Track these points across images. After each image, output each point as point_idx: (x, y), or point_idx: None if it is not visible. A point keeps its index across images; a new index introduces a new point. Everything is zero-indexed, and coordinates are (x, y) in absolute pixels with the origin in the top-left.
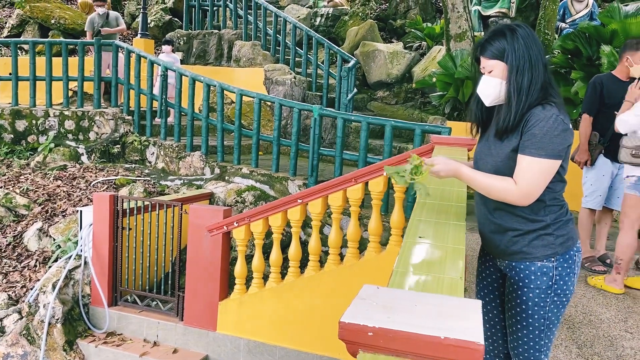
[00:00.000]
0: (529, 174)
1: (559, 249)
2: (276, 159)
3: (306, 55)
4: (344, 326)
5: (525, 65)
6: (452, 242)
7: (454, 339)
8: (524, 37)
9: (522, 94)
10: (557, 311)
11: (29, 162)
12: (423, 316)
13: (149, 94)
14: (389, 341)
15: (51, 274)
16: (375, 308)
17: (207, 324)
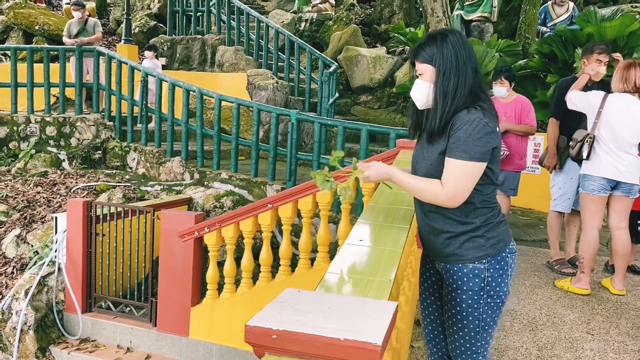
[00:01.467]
0: (454, 176)
1: (490, 250)
2: (255, 164)
3: (288, 60)
4: (249, 329)
5: (451, 69)
6: (391, 244)
7: (352, 340)
8: (453, 43)
9: (448, 97)
10: (492, 312)
11: (9, 168)
12: (333, 318)
13: (129, 99)
14: (292, 343)
15: (24, 281)
16: (288, 311)
17: (179, 329)
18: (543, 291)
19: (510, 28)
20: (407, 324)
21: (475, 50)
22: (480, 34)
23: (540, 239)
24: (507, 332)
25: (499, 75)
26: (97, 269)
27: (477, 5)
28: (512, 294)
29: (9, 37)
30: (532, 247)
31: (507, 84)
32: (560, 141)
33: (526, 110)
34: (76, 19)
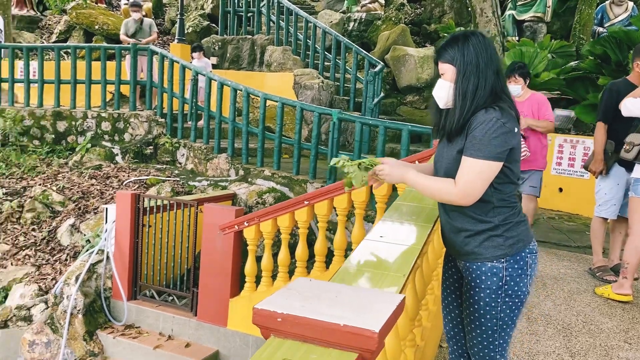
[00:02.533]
0: (468, 174)
1: (509, 250)
2: (297, 162)
3: (335, 59)
4: (256, 312)
5: (472, 70)
6: (411, 242)
7: (351, 326)
8: (475, 44)
9: (467, 98)
10: (510, 312)
11: (67, 161)
12: (337, 306)
13: (180, 97)
14: (295, 327)
15: (75, 267)
16: (295, 297)
17: (218, 320)
18: (582, 297)
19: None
20: (435, 323)
21: (524, 51)
22: (533, 34)
23: (584, 245)
24: (539, 337)
25: (512, 72)
26: (143, 259)
27: (530, 5)
28: (548, 298)
29: (71, 36)
30: (575, 253)
31: (522, 81)
32: (607, 145)
33: (543, 107)
34: (132, 18)
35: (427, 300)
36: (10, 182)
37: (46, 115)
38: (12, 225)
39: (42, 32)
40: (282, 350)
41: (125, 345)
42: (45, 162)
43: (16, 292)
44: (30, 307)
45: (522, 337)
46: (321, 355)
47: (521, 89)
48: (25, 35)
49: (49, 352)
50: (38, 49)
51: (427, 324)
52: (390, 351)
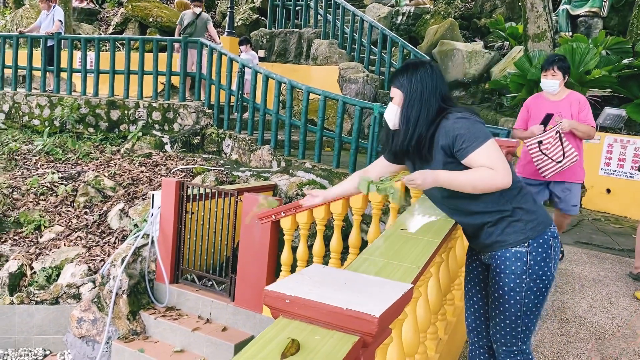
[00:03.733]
0: (492, 158)
1: (530, 233)
2: (337, 155)
3: (380, 53)
4: (266, 293)
5: (416, 98)
6: (431, 235)
7: (353, 310)
8: (422, 74)
9: (410, 123)
10: (535, 298)
11: (119, 148)
12: (345, 291)
13: (227, 89)
14: (302, 308)
15: (122, 250)
16: (305, 282)
17: (254, 306)
18: (619, 301)
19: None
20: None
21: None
22: (588, 29)
23: (629, 248)
24: (570, 339)
25: (550, 65)
26: (185, 244)
27: (586, 0)
28: (584, 300)
29: (126, 28)
30: (619, 256)
31: (560, 75)
32: None
33: (585, 109)
34: (191, 11)
35: (454, 295)
36: (66, 167)
37: (101, 104)
38: (66, 208)
39: (100, 24)
40: (288, 330)
41: (165, 326)
42: (99, 149)
43: (68, 271)
44: (80, 286)
45: (552, 337)
46: (324, 336)
47: (559, 85)
48: (84, 27)
49: (95, 329)
50: (95, 40)
51: (452, 319)
52: (408, 341)
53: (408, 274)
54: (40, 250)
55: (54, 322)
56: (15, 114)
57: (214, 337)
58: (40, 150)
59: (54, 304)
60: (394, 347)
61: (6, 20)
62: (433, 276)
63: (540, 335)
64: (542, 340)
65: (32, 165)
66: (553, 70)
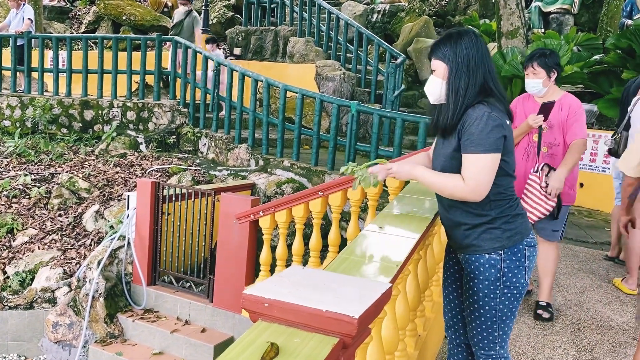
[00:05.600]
0: (474, 170)
1: (506, 242)
2: (315, 153)
3: (356, 51)
4: (245, 297)
5: (462, 68)
6: (409, 233)
7: (333, 312)
8: (467, 43)
9: (459, 95)
10: (509, 303)
11: (93, 149)
12: (324, 292)
13: (203, 87)
14: (281, 312)
15: (98, 252)
16: (284, 284)
17: (233, 307)
18: (593, 294)
19: (594, 21)
20: (441, 314)
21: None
22: (559, 26)
23: (602, 241)
24: (546, 332)
25: (529, 61)
26: (162, 246)
27: None
28: (558, 294)
29: (99, 27)
30: (592, 250)
31: (543, 73)
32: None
33: (574, 116)
34: (181, 11)
35: (432, 291)
36: (39, 169)
37: (74, 104)
38: (39, 210)
39: (72, 22)
40: (267, 333)
41: (144, 328)
42: (73, 150)
43: (42, 275)
44: (55, 290)
45: (529, 331)
46: (304, 339)
47: (542, 84)
48: (56, 26)
49: (72, 333)
50: (67, 39)
51: (430, 315)
52: (388, 339)
53: (386, 273)
54: (14, 254)
55: (28, 327)
56: None
57: (193, 338)
58: (12, 152)
59: (29, 309)
60: (374, 345)
61: None
62: (411, 273)
63: (517, 329)
64: (519, 333)
65: (4, 168)
66: (532, 68)
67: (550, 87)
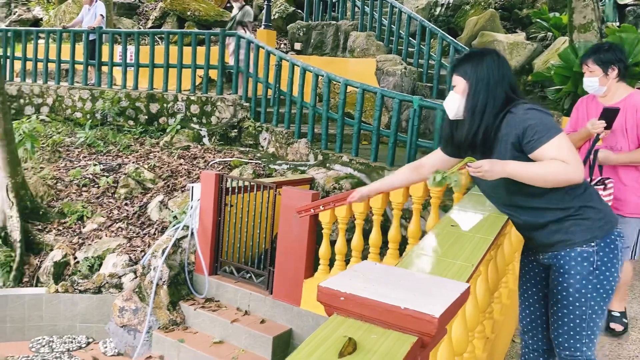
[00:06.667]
0: (562, 153)
1: (598, 232)
2: (375, 149)
3: (419, 45)
4: (321, 290)
5: (482, 86)
6: (484, 232)
7: (412, 309)
8: (489, 62)
9: (476, 114)
10: (601, 300)
11: (158, 141)
12: (400, 289)
13: (264, 82)
14: (357, 306)
15: (162, 241)
16: (359, 279)
17: (292, 299)
18: None
19: None
20: (509, 317)
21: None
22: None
23: None
24: (622, 341)
25: (583, 58)
26: (224, 236)
27: None
28: (634, 300)
29: (165, 22)
30: None
31: (599, 71)
32: None
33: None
34: (236, 6)
35: (501, 293)
36: (107, 159)
37: (141, 97)
38: (107, 199)
39: (139, 18)
40: (343, 327)
41: (205, 317)
42: (139, 142)
43: (109, 261)
44: (121, 276)
45: (602, 339)
46: (381, 336)
47: (598, 82)
48: (124, 21)
49: (136, 318)
50: (135, 35)
51: (499, 317)
52: (458, 340)
53: (462, 272)
54: (83, 240)
55: (97, 311)
56: (59, 107)
57: (253, 329)
58: (83, 142)
59: (97, 293)
60: (445, 346)
61: (50, 16)
62: (482, 274)
63: None
64: None
65: (75, 157)
66: (587, 65)
67: (611, 85)
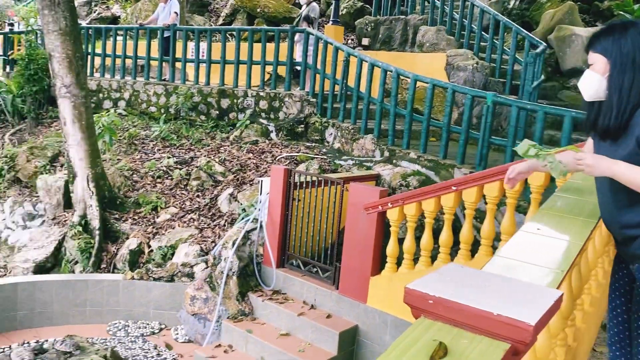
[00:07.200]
0: None
1: None
2: (444, 146)
3: (492, 40)
4: (408, 292)
5: (627, 63)
6: (572, 237)
7: (506, 316)
8: (633, 36)
9: (623, 93)
10: None
11: (228, 135)
12: (490, 294)
13: (332, 78)
14: (447, 310)
15: (232, 233)
16: (446, 281)
17: (358, 295)
18: None
19: None
20: (590, 325)
21: None
22: None
23: None
24: None
25: None
26: (291, 230)
27: None
28: None
29: (235, 19)
30: None
31: None
32: None
33: None
34: (304, 2)
35: (583, 300)
36: (180, 152)
37: (212, 93)
38: (180, 190)
39: (211, 15)
40: (432, 331)
41: (272, 308)
42: (210, 136)
43: (181, 250)
44: (193, 266)
45: None
46: (472, 341)
47: None
48: (196, 18)
49: (207, 307)
50: (207, 32)
51: (581, 325)
52: (540, 348)
53: (551, 278)
54: (157, 229)
55: (169, 298)
56: (135, 102)
57: (319, 323)
58: (157, 135)
59: (170, 281)
60: (528, 353)
61: (127, 13)
62: (566, 280)
63: None
64: None
65: (150, 150)
66: None
67: None
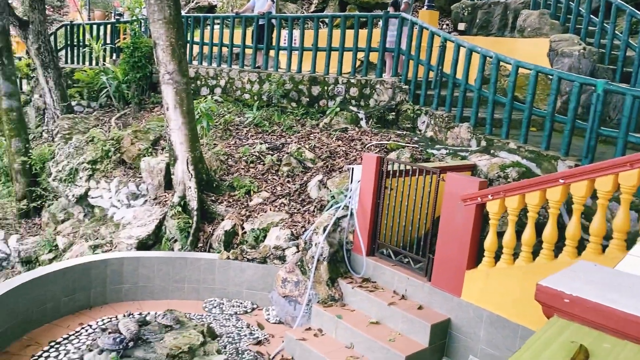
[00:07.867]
0: None
1: None
2: (547, 136)
3: (601, 23)
4: (541, 289)
5: None
6: None
7: None
8: None
9: None
10: None
11: (318, 122)
12: (632, 296)
13: (426, 64)
14: (584, 311)
15: (323, 219)
16: (580, 280)
17: (452, 289)
18: None
19: None
20: None
21: None
22: None
23: None
24: None
25: None
26: (382, 219)
27: None
28: None
29: (327, 6)
30: None
31: None
32: None
33: None
34: None
35: None
36: (272, 139)
37: (303, 80)
38: (271, 176)
39: (303, 2)
40: (568, 332)
41: (362, 296)
42: (300, 123)
43: (273, 234)
44: (285, 249)
45: None
46: (616, 346)
47: None
48: (289, 6)
49: (297, 290)
50: (300, 19)
51: None
52: None
53: None
54: (250, 212)
55: (261, 280)
56: (230, 89)
57: (410, 314)
58: (250, 122)
59: (262, 263)
60: None
61: (223, 2)
62: None
63: None
64: None
65: (244, 136)
66: None
67: None
